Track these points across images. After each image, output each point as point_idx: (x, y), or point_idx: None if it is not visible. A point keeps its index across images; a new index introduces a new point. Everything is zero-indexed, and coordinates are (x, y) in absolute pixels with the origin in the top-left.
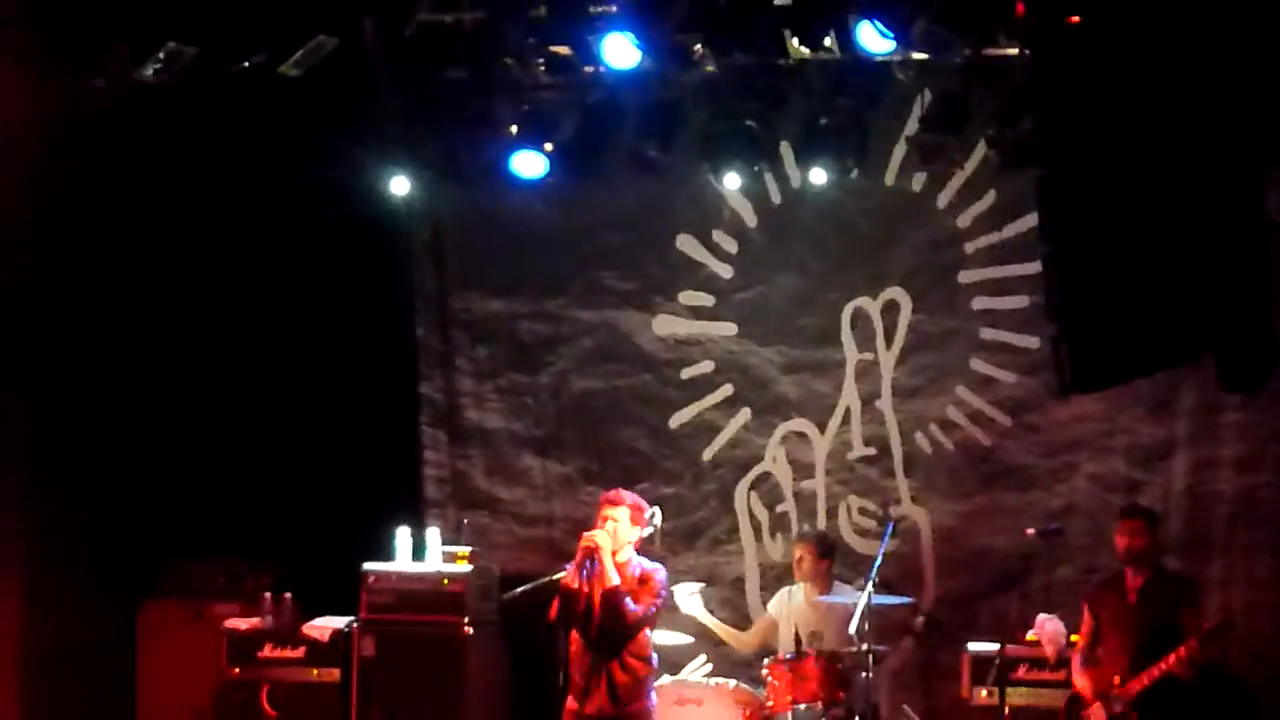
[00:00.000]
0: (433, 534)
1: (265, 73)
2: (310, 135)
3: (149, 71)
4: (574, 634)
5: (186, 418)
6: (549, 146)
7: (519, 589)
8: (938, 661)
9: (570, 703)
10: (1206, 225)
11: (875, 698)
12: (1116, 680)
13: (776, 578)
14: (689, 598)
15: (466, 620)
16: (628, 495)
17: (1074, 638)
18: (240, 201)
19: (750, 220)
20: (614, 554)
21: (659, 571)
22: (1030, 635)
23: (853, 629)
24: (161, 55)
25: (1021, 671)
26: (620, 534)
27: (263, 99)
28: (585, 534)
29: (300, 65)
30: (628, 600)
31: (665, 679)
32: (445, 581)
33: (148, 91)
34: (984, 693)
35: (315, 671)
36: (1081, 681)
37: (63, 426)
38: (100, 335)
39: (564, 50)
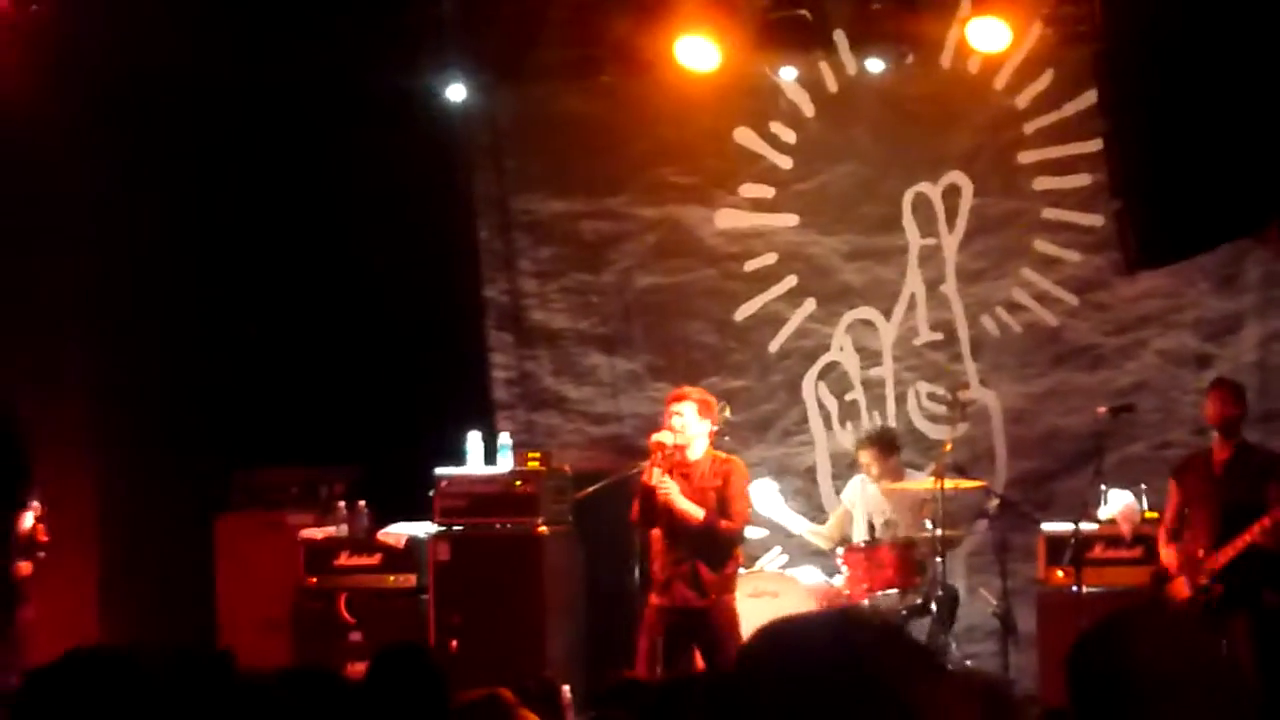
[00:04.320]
0: (503, 436)
1: None
2: (367, 41)
3: None
4: (655, 530)
5: (253, 328)
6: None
7: (590, 488)
8: (1013, 543)
9: (653, 598)
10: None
11: (951, 582)
12: (1201, 553)
13: (849, 466)
14: (766, 496)
15: (540, 521)
16: (693, 390)
17: (1150, 514)
18: (299, 110)
19: (807, 110)
20: (684, 449)
21: (738, 469)
22: (1105, 514)
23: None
24: None
25: (1097, 550)
26: (689, 429)
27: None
28: (653, 435)
29: None
30: (721, 523)
31: (740, 571)
32: (518, 483)
33: None
34: (1060, 573)
35: (392, 578)
36: (1167, 555)
37: (129, 339)
38: (165, 246)
39: None
